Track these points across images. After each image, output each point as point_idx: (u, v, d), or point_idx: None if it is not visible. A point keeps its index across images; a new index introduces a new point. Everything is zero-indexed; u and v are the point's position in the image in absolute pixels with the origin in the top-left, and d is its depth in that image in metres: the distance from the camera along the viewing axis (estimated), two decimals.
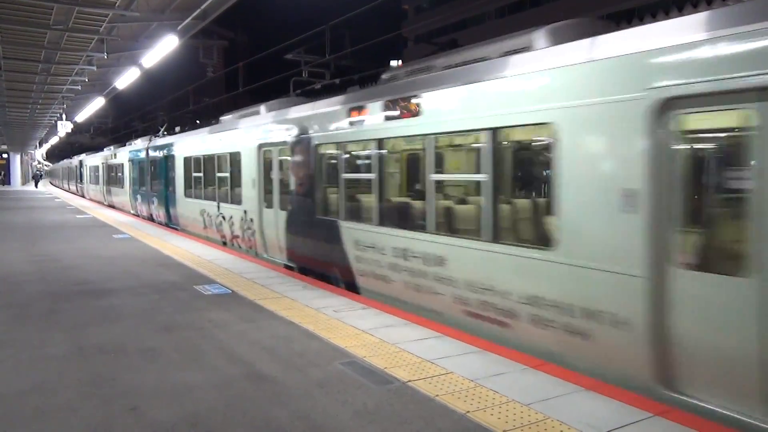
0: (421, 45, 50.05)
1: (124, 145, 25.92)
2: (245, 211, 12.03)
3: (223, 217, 13.28)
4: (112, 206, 27.84)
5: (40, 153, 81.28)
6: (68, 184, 50.11)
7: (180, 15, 13.59)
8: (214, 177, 14.15)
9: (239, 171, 12.33)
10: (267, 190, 11.20)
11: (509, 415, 3.89)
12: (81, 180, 39.67)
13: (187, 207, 16.12)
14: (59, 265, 10.00)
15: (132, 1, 12.96)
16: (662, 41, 4.35)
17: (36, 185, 57.88)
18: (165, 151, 18.38)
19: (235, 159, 12.64)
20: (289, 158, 10.12)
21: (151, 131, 29.09)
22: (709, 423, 3.76)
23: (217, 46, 78.03)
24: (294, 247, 10.05)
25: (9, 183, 58.26)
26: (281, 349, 5.37)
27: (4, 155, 59.91)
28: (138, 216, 21.97)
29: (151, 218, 20.54)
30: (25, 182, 64.68)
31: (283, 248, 10.49)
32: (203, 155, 14.82)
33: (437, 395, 4.23)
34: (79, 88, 24.26)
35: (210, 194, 14.38)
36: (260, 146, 11.39)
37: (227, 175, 13.06)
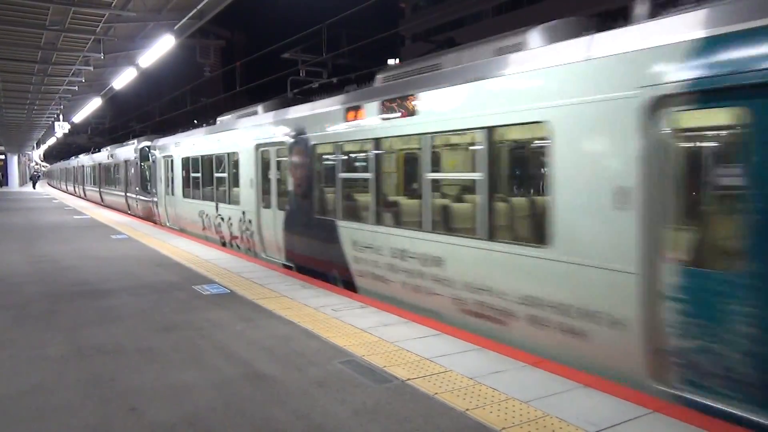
0: (418, 43, 50.06)
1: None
2: None
3: None
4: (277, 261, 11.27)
5: (37, 154, 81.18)
6: (98, 192, 31.31)
7: (176, 15, 13.58)
8: None
9: None
10: None
11: (508, 413, 3.90)
12: (145, 187, 21.54)
13: None
14: (58, 266, 10.00)
15: (128, 1, 12.94)
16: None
17: (34, 186, 57.80)
18: None
19: None
20: None
21: (148, 131, 27.75)
22: (702, 417, 3.77)
23: (214, 45, 78.01)
24: None
25: (7, 184, 58.15)
26: (280, 348, 5.37)
27: (2, 156, 59.73)
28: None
29: None
30: (23, 183, 64.57)
31: None
32: None
33: (436, 393, 4.24)
34: (76, 88, 24.21)
35: None
36: None
37: None
